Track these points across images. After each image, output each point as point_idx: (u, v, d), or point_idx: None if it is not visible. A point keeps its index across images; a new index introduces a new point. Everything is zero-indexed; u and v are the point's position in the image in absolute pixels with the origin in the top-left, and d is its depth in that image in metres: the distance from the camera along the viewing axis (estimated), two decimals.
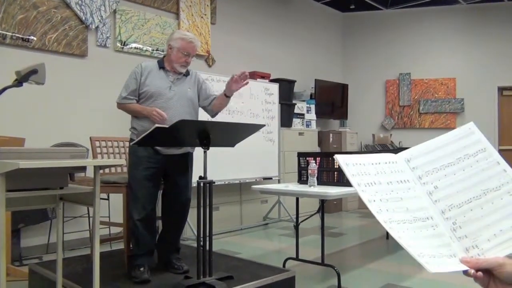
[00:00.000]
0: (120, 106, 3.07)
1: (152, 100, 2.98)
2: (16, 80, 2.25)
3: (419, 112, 7.86)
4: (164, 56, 3.16)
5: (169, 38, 3.12)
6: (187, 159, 3.15)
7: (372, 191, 0.87)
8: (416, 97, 7.89)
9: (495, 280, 0.78)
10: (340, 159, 0.90)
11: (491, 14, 7.55)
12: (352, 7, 7.68)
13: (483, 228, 0.85)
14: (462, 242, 0.83)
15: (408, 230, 0.83)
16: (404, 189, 0.90)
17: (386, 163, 0.94)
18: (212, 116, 3.35)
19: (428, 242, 0.82)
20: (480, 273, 0.78)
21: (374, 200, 0.85)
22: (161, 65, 3.07)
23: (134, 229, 2.97)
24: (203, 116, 3.42)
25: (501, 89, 7.58)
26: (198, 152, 2.91)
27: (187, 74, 3.14)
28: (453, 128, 1.03)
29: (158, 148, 2.96)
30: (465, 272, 0.79)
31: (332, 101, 7.60)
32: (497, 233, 0.84)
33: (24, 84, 2.26)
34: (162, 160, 2.99)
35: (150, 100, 2.99)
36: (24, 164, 1.85)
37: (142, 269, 2.90)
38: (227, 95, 3.12)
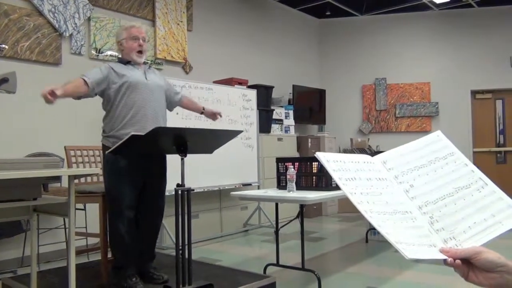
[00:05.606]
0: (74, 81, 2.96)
1: (132, 90, 2.90)
2: None
3: (395, 116, 7.98)
4: (121, 56, 3.16)
5: (115, 39, 3.20)
6: (162, 163, 3.11)
7: (353, 185, 0.91)
8: (392, 102, 8.01)
9: (474, 270, 0.82)
10: (321, 156, 0.94)
11: (462, 19, 7.74)
12: (328, 13, 7.77)
13: (458, 221, 0.90)
14: (440, 234, 0.88)
15: (389, 220, 0.86)
16: (383, 186, 0.95)
17: (364, 162, 0.99)
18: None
19: (409, 233, 0.86)
20: (458, 261, 0.82)
21: (355, 193, 0.89)
22: (125, 62, 3.05)
23: (122, 241, 2.89)
24: (178, 122, 3.39)
25: (474, 93, 7.76)
26: (175, 159, 2.84)
27: (150, 67, 3.17)
28: (429, 131, 1.08)
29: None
30: (445, 261, 0.83)
31: (310, 106, 7.66)
32: (471, 225, 0.89)
33: None
34: (141, 167, 2.94)
35: (130, 90, 2.90)
36: None
37: (134, 279, 2.88)
38: (203, 113, 3.35)
